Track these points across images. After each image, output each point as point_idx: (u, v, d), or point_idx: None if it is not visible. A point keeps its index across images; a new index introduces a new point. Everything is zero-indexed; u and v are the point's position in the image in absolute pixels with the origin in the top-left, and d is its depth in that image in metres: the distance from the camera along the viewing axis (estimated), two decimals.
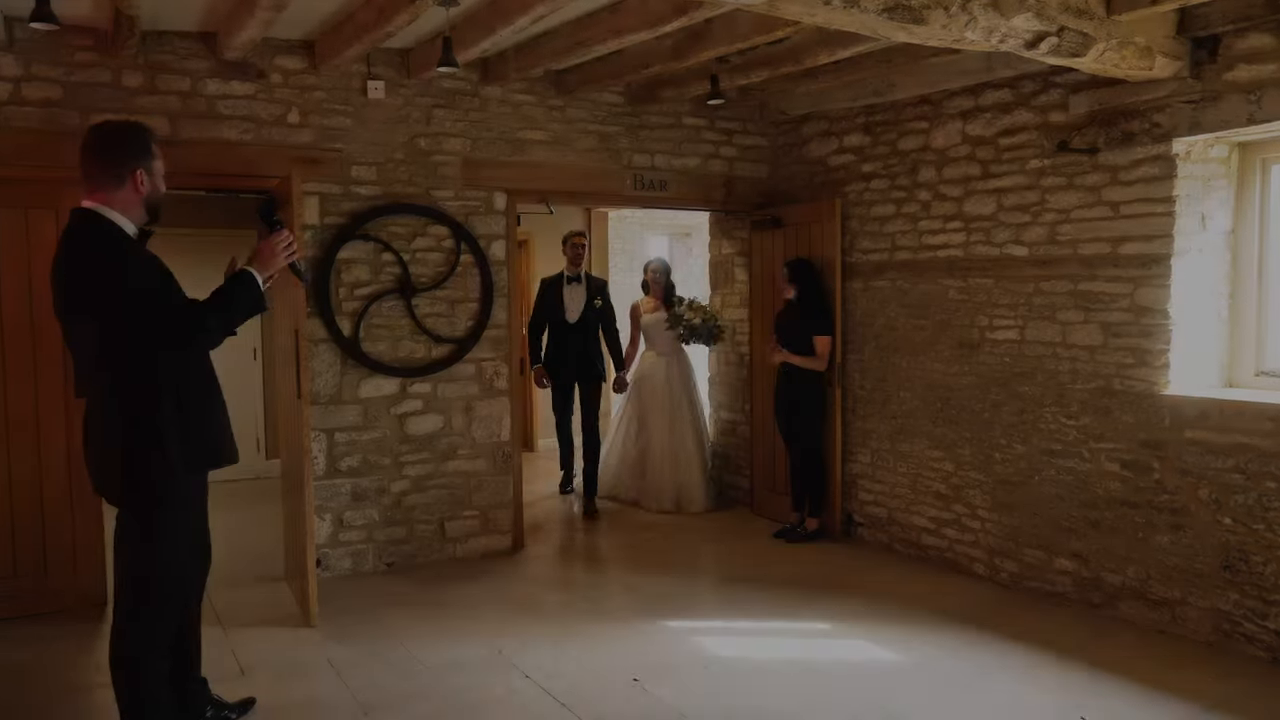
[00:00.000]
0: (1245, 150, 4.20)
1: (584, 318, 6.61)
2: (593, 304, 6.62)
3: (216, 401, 3.03)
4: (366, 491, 5.18)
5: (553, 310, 6.68)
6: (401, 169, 5.22)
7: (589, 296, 6.65)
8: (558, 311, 6.64)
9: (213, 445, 2.97)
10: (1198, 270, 4.18)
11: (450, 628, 4.35)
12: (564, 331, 6.63)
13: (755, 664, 3.92)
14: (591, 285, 6.72)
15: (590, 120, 5.77)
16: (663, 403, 6.71)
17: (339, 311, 5.09)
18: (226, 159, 4.77)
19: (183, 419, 2.83)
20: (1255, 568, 3.87)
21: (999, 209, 4.88)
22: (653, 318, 6.82)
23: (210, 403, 2.98)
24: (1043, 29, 3.41)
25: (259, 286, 2.98)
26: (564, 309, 6.61)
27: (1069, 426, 4.57)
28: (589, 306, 6.62)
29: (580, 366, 6.67)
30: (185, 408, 2.85)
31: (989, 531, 4.99)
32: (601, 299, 6.70)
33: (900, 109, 5.42)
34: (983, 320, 4.99)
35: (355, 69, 5.04)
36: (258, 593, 4.91)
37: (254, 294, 2.96)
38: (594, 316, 6.64)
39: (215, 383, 3.05)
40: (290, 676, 3.82)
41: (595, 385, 6.75)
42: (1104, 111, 4.34)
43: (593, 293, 6.68)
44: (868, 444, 5.74)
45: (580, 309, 6.61)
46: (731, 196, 6.33)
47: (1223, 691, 3.57)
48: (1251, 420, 3.87)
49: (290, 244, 3.10)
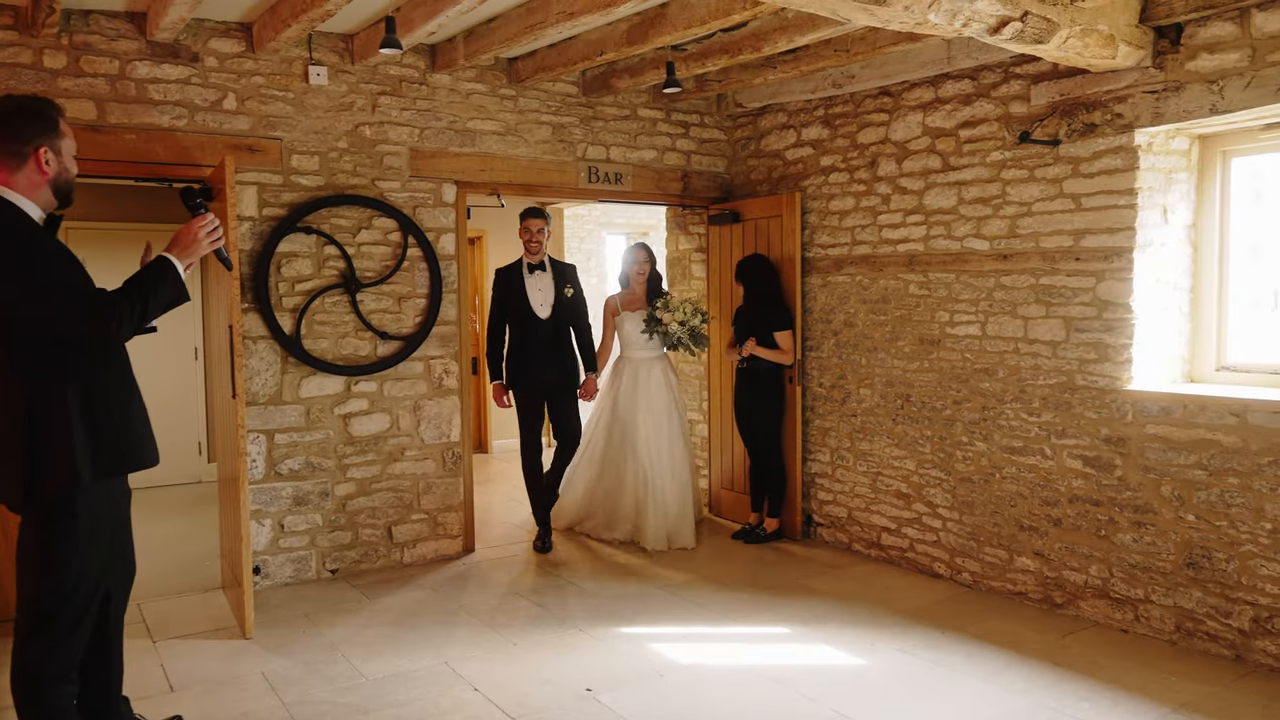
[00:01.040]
0: (1206, 143, 4.15)
1: (556, 312, 5.48)
2: (563, 294, 5.51)
3: (132, 400, 2.79)
4: (309, 495, 4.96)
5: (517, 306, 5.47)
6: (345, 159, 5.00)
7: (558, 285, 5.54)
8: (523, 307, 5.46)
9: (127, 447, 2.72)
10: (1159, 264, 4.13)
11: (395, 637, 4.15)
12: (533, 331, 5.44)
13: (712, 671, 3.78)
14: (559, 272, 5.58)
15: (544, 111, 5.60)
16: (646, 420, 5.64)
17: (279, 307, 4.85)
18: (157, 146, 4.52)
19: (91, 418, 2.61)
20: (1218, 565, 3.81)
21: (960, 202, 4.80)
22: (634, 317, 5.80)
23: (124, 401, 2.75)
24: (1007, 13, 3.32)
25: (177, 274, 2.77)
26: (530, 303, 5.46)
27: (1031, 423, 4.50)
28: (560, 298, 5.50)
29: (557, 374, 5.51)
30: (94, 406, 2.62)
31: (950, 531, 4.91)
32: (573, 288, 5.59)
33: (860, 101, 5.32)
34: (943, 316, 4.90)
35: (296, 53, 4.82)
36: (192, 603, 4.66)
37: (171, 283, 2.74)
38: (567, 310, 5.54)
39: (131, 379, 2.82)
40: (221, 692, 3.60)
41: (573, 395, 5.62)
42: (1065, 102, 4.27)
43: (562, 281, 5.56)
44: (827, 443, 5.64)
45: (551, 302, 5.46)
46: (689, 190, 6.20)
47: (1187, 691, 3.50)
48: (1214, 416, 3.81)
49: (214, 228, 2.88)
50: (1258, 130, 3.95)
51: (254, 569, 4.73)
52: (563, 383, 5.54)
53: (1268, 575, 3.66)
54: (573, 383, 5.58)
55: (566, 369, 5.54)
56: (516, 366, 5.50)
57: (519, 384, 5.51)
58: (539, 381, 5.46)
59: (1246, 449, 3.71)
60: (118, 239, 6.82)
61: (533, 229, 5.45)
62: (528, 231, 5.46)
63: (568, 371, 5.55)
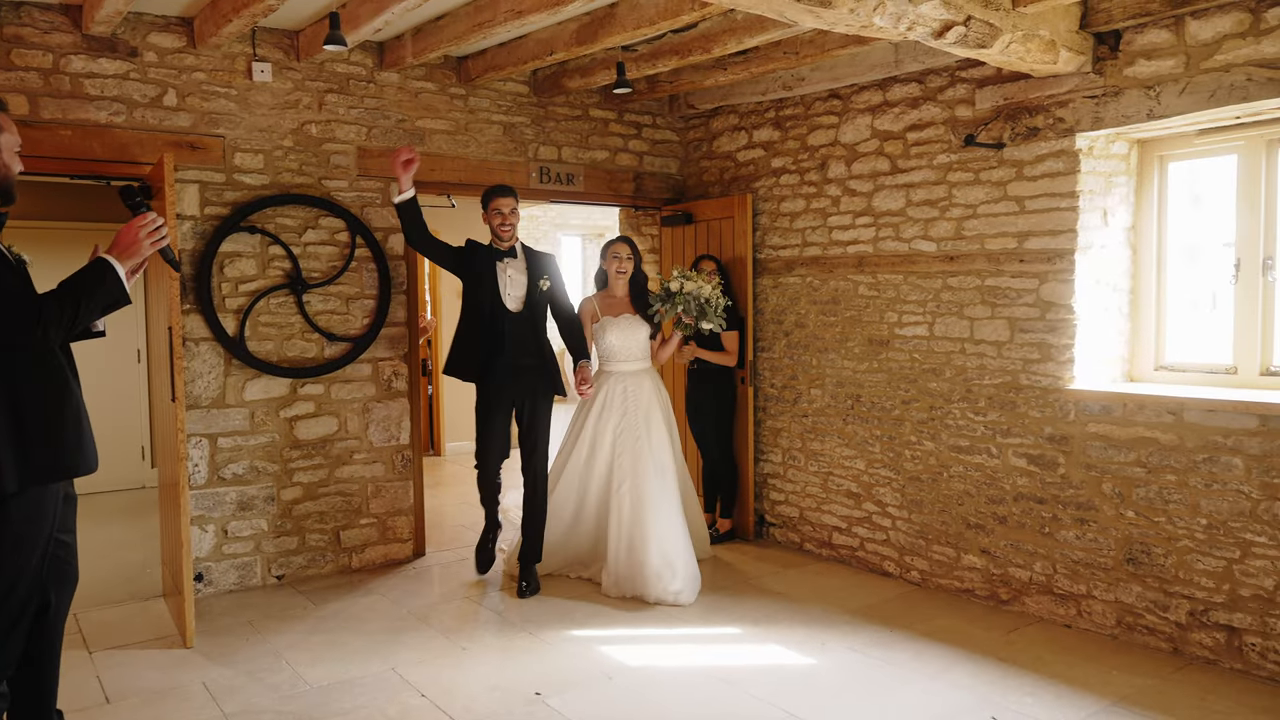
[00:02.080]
0: (1145, 147, 4.24)
1: (530, 305, 4.71)
2: (538, 286, 4.73)
3: (65, 404, 2.69)
4: (253, 500, 4.86)
5: (484, 294, 4.66)
6: (291, 157, 4.91)
7: (532, 276, 4.75)
8: (492, 296, 4.66)
9: (58, 454, 2.63)
10: (1100, 266, 4.21)
11: (341, 643, 4.08)
12: (501, 325, 4.64)
13: (662, 673, 3.77)
14: (535, 262, 4.78)
15: (494, 110, 5.56)
16: (636, 444, 4.77)
17: (222, 308, 4.75)
18: (94, 143, 4.40)
19: (18, 424, 2.51)
20: (1156, 560, 3.89)
21: (908, 204, 4.85)
22: (618, 323, 4.93)
23: (57, 405, 2.65)
24: (950, 18, 3.36)
25: (116, 275, 2.68)
26: (500, 293, 4.67)
27: (977, 422, 4.56)
28: (534, 290, 4.72)
29: (529, 376, 4.75)
30: (21, 411, 2.53)
31: (899, 529, 4.95)
32: (550, 278, 4.79)
33: (810, 103, 5.35)
34: (892, 316, 4.95)
35: (239, 49, 4.73)
36: (131, 612, 4.54)
37: (109, 284, 2.66)
38: (542, 303, 4.77)
39: (63, 382, 2.72)
40: (160, 703, 3.50)
41: (548, 406, 4.87)
42: (1009, 106, 4.34)
43: (536, 271, 4.76)
44: (779, 443, 5.67)
45: (523, 294, 4.70)
46: (641, 191, 6.19)
47: (1127, 685, 3.57)
48: (1152, 414, 3.89)
49: (157, 228, 2.79)
50: (1193, 135, 4.05)
51: (197, 576, 4.63)
52: (536, 386, 4.78)
53: (1203, 570, 3.75)
54: (548, 388, 4.82)
55: (544, 370, 4.79)
56: (481, 365, 4.72)
57: (483, 385, 4.77)
58: (511, 380, 4.71)
59: (1183, 446, 3.80)
60: (56, 239, 6.64)
61: (504, 210, 4.65)
62: (498, 214, 4.65)
63: (546, 373, 4.80)
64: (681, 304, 4.81)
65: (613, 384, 4.91)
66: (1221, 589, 3.71)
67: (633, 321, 4.94)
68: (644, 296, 4.99)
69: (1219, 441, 3.69)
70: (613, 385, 4.91)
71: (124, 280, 2.71)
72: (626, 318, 4.95)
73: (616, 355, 4.95)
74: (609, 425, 4.84)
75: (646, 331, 4.95)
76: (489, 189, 4.72)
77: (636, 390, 4.88)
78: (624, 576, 4.63)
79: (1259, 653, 3.61)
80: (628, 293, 5.01)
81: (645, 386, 4.92)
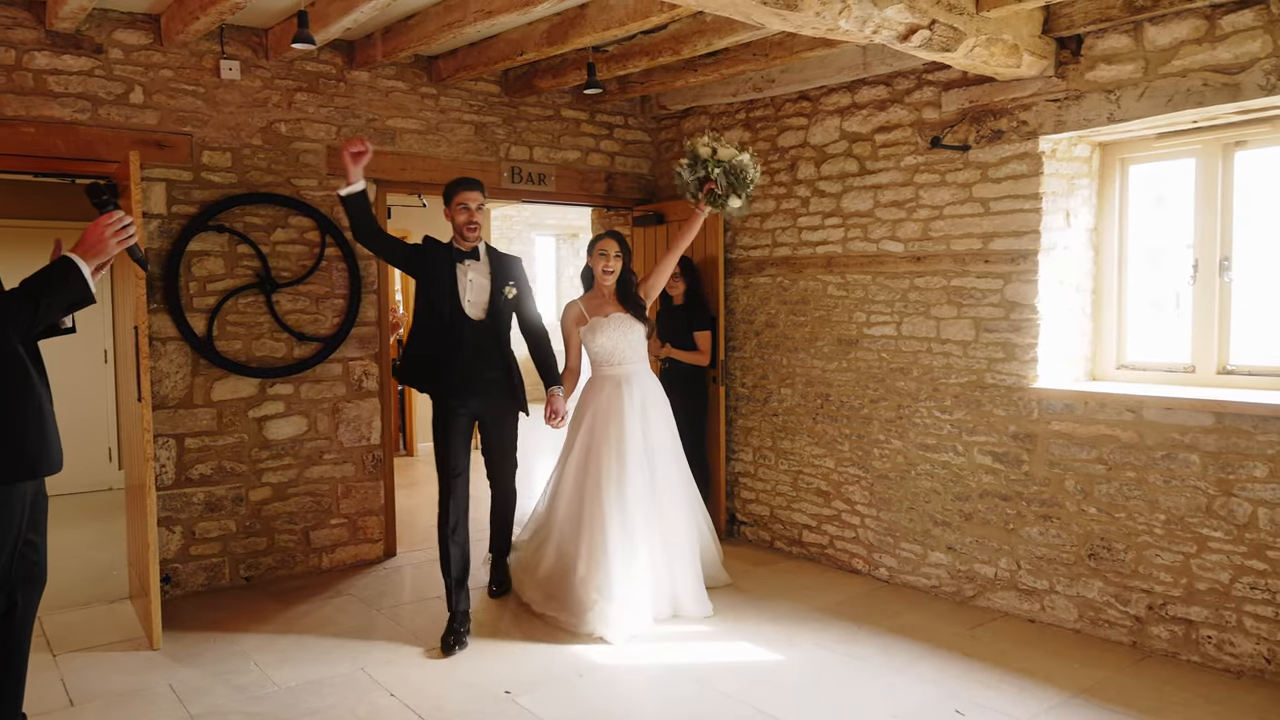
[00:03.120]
0: (1106, 150, 4.32)
1: (493, 314, 4.22)
2: (502, 293, 4.24)
3: (26, 404, 2.67)
4: (222, 501, 4.82)
5: (442, 299, 4.17)
6: (260, 155, 4.88)
7: (496, 281, 4.26)
8: (451, 301, 4.17)
9: (17, 454, 2.61)
10: (1063, 266, 4.28)
11: (310, 644, 4.06)
12: (460, 334, 4.16)
13: (632, 671, 3.79)
14: (499, 264, 4.29)
15: (465, 110, 5.55)
16: (643, 451, 4.33)
17: (190, 308, 4.72)
18: (58, 140, 4.35)
19: None
20: (1117, 555, 3.97)
21: (876, 205, 4.90)
22: (608, 323, 4.44)
23: (17, 405, 2.63)
24: (915, 21, 3.41)
25: (80, 274, 2.66)
26: (460, 298, 4.19)
27: (943, 421, 4.62)
28: (498, 296, 4.23)
29: (490, 391, 4.27)
30: None
31: (868, 527, 5.01)
32: (516, 284, 4.31)
33: (780, 105, 5.40)
34: (860, 316, 5.01)
35: (206, 47, 4.69)
36: (97, 614, 4.50)
37: (73, 283, 2.64)
38: (506, 311, 4.30)
39: (29, 381, 2.69)
40: (126, 705, 3.48)
41: (513, 420, 4.44)
42: (975, 109, 4.40)
43: (502, 275, 4.27)
44: (750, 442, 5.71)
45: (485, 300, 4.22)
46: (613, 192, 6.21)
47: (1088, 677, 3.64)
48: (1112, 412, 3.97)
49: (124, 226, 2.77)
50: (1153, 139, 4.13)
51: (164, 578, 4.59)
52: (499, 402, 4.32)
53: (1162, 564, 3.83)
54: (513, 403, 4.35)
55: (505, 384, 4.29)
56: (436, 376, 4.23)
57: (438, 398, 4.26)
58: (468, 399, 4.22)
59: (1142, 443, 3.87)
60: (19, 237, 6.55)
61: (471, 205, 4.16)
62: (464, 209, 4.15)
63: (508, 388, 4.29)
64: (718, 168, 4.24)
65: (611, 387, 4.40)
66: (1179, 583, 3.79)
67: (625, 319, 4.45)
68: (634, 300, 4.51)
69: (1176, 439, 3.77)
70: (611, 388, 4.40)
71: (89, 279, 2.69)
72: (618, 315, 4.45)
73: (612, 357, 4.44)
74: (607, 429, 4.32)
75: (642, 329, 4.49)
76: (453, 181, 4.24)
77: (639, 387, 4.42)
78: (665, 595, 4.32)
79: (1215, 645, 3.69)
80: (616, 292, 4.54)
81: (649, 385, 4.49)
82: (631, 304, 4.51)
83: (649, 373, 4.58)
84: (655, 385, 4.57)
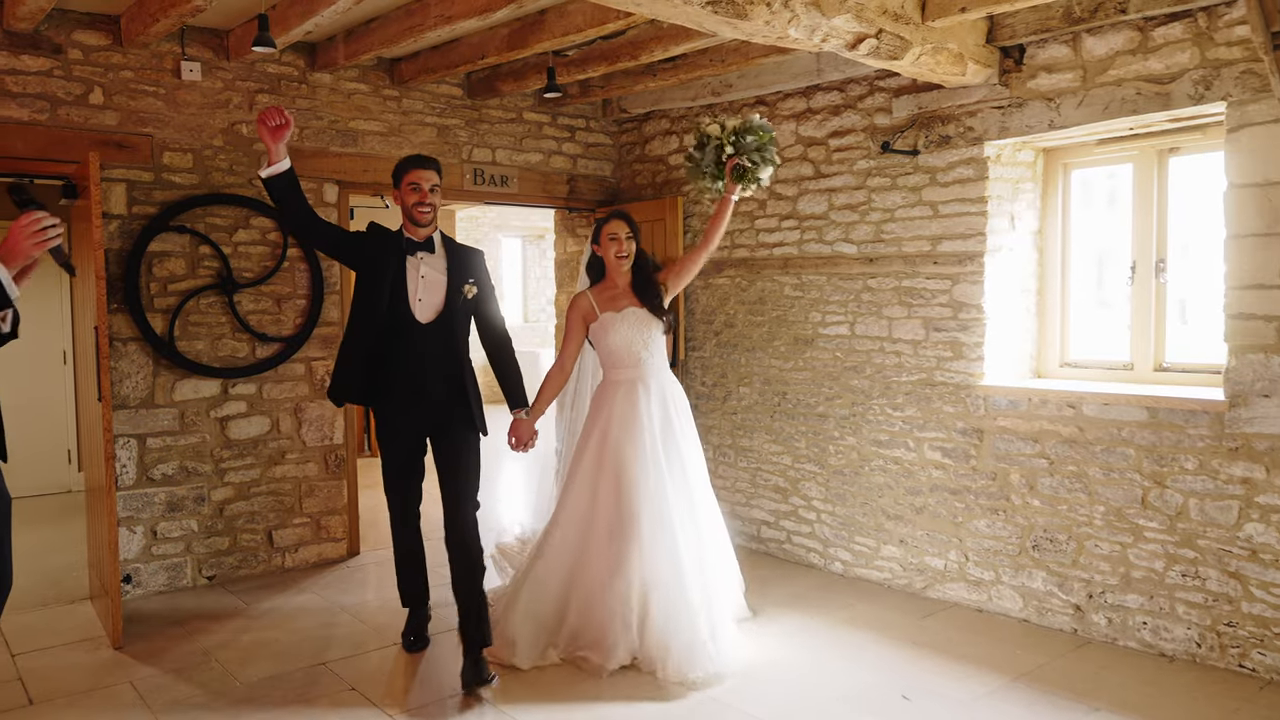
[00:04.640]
0: (1049, 155, 4.48)
1: (447, 315, 3.68)
2: (461, 292, 3.69)
3: None
4: (183, 501, 4.84)
5: (385, 296, 3.63)
6: (221, 156, 4.91)
7: (454, 278, 3.71)
8: (395, 299, 3.64)
9: None
10: (1008, 267, 4.43)
11: (272, 641, 4.10)
12: (406, 338, 3.64)
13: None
14: (457, 258, 3.75)
15: (428, 113, 5.61)
16: (664, 461, 3.82)
17: (150, 308, 4.73)
18: (16, 141, 4.35)
19: None
20: (1059, 546, 4.12)
21: (830, 208, 5.03)
22: (623, 319, 3.92)
23: None
24: (862, 30, 3.52)
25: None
26: (409, 297, 3.66)
27: (895, 418, 4.75)
28: (455, 295, 3.69)
29: (438, 407, 3.70)
30: None
31: (824, 522, 5.13)
32: (476, 282, 3.74)
33: (738, 109, 5.51)
34: (816, 316, 5.13)
35: (167, 48, 4.71)
36: (57, 615, 4.49)
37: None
38: (464, 313, 3.73)
39: None
40: (86, 703, 3.50)
41: (471, 442, 3.72)
42: (923, 115, 4.54)
43: (460, 271, 3.72)
44: (709, 440, 5.81)
45: (440, 299, 3.67)
46: (575, 194, 6.29)
47: (1030, 662, 3.78)
48: (1054, 408, 4.12)
49: (46, 227, 2.69)
50: (1093, 145, 4.29)
51: (125, 578, 4.60)
52: (450, 420, 3.70)
53: (1101, 554, 3.98)
54: (469, 423, 3.70)
55: (458, 400, 3.69)
56: (381, 388, 3.70)
57: (381, 412, 3.78)
58: (414, 413, 3.71)
59: (1082, 438, 4.02)
60: None
61: (424, 185, 3.64)
62: (414, 189, 3.63)
63: (460, 404, 3.69)
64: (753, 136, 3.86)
65: (626, 391, 3.89)
66: (1117, 572, 3.94)
67: (641, 314, 3.93)
68: (653, 291, 3.96)
69: (1114, 433, 3.92)
70: (626, 392, 3.89)
71: (5, 283, 2.64)
72: (633, 310, 3.92)
73: (625, 359, 3.93)
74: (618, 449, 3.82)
75: (660, 326, 3.97)
76: (403, 159, 3.71)
77: (660, 390, 3.93)
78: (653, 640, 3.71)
79: (1150, 630, 3.85)
80: (631, 279, 4.00)
81: (671, 387, 4.01)
82: (649, 296, 3.95)
83: (670, 375, 4.05)
84: (677, 389, 4.06)
